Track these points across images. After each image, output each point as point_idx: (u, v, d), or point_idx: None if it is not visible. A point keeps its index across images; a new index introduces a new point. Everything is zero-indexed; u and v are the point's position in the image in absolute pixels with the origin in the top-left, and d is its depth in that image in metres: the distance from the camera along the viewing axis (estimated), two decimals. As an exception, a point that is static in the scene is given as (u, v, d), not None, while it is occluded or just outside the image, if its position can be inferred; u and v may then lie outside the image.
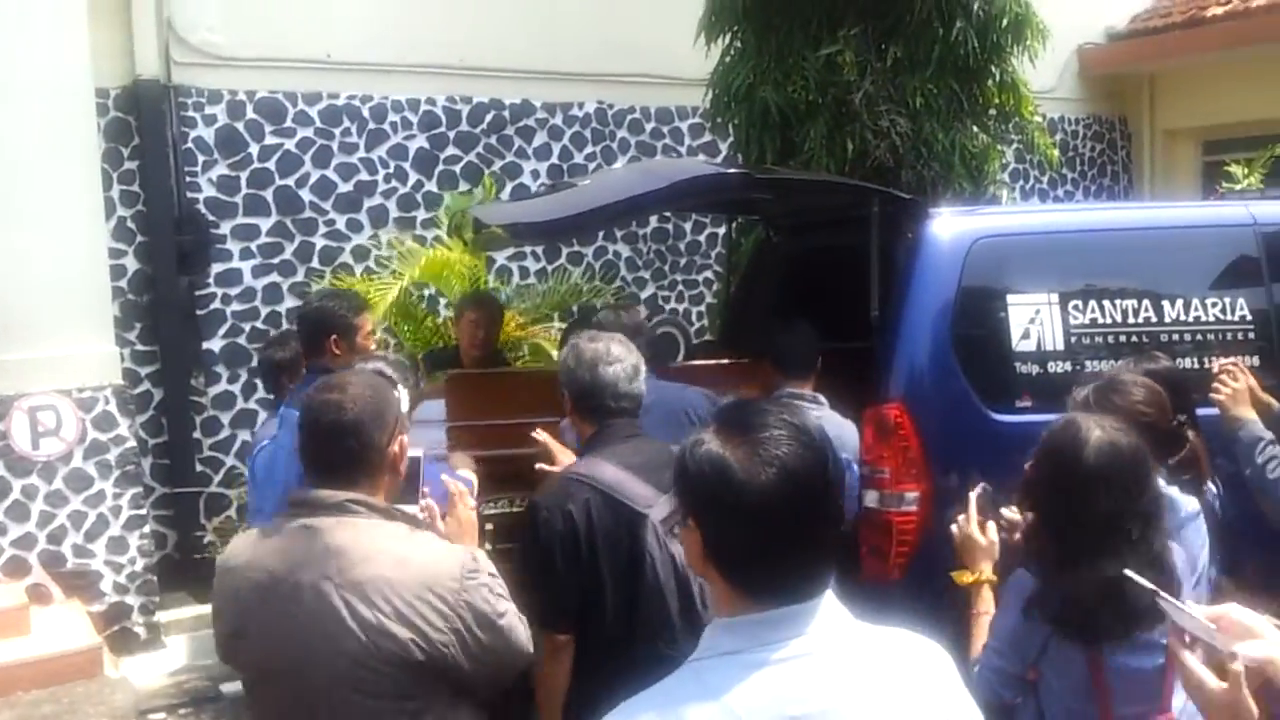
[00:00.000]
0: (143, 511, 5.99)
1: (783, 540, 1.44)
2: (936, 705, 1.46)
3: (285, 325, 6.98)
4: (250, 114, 6.97)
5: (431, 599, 2.02)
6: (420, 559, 2.08)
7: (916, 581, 3.45)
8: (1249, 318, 3.73)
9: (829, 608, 1.48)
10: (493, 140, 7.77)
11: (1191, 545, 2.62)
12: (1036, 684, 2.32)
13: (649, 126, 8.36)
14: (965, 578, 2.57)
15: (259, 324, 7.01)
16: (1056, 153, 7.12)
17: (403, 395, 2.53)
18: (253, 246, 7.01)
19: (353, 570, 2.01)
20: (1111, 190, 10.90)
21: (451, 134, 7.63)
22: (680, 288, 8.45)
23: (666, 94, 8.25)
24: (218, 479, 6.87)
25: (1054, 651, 2.26)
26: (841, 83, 6.03)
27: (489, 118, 7.74)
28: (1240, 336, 3.68)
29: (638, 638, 2.48)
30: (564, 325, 5.98)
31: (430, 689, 2.05)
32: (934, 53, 6.06)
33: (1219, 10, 10.49)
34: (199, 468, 6.82)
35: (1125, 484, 2.22)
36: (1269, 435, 3.21)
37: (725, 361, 4.46)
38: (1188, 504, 2.71)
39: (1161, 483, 2.48)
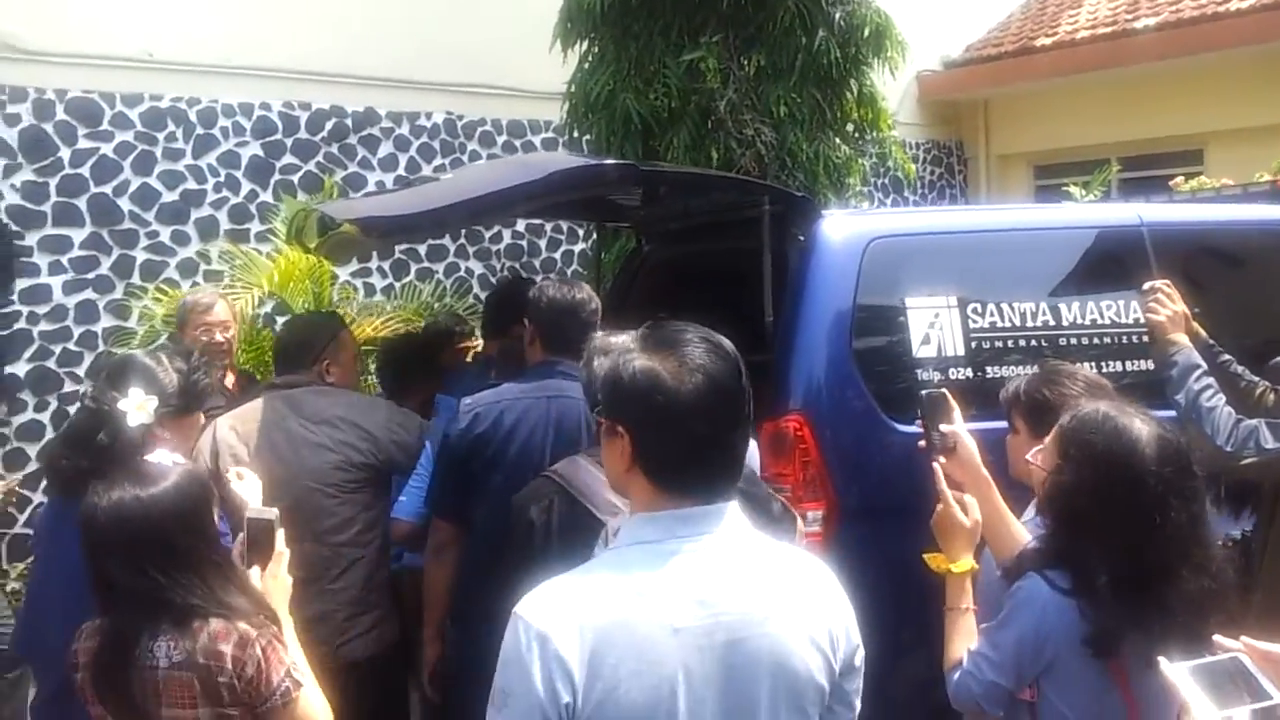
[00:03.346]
0: (-69, 559, 5.26)
1: (705, 442, 1.63)
2: (822, 606, 1.65)
3: (101, 346, 6.32)
4: (60, 114, 6.29)
5: None
6: None
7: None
8: (1142, 321, 3.65)
9: (735, 513, 1.66)
10: (334, 149, 7.28)
11: None
12: (1034, 703, 2.09)
13: (500, 139, 8.02)
14: (941, 564, 2.29)
15: (71, 345, 6.31)
16: (914, 167, 7.13)
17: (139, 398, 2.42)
18: (64, 260, 6.31)
19: None
20: (950, 212, 11.14)
21: (289, 141, 7.11)
22: (535, 306, 8.09)
23: (519, 106, 7.95)
24: (22, 519, 6.11)
25: (1065, 670, 2.02)
26: (704, 90, 5.87)
27: (330, 125, 7.25)
28: (1136, 339, 3.60)
29: None
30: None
31: None
32: (797, 61, 5.96)
33: (1047, 41, 10.91)
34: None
35: (1191, 483, 2.01)
36: (1203, 363, 3.07)
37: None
38: None
39: None
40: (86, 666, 2.05)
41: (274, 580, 2.21)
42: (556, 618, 1.53)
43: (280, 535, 2.27)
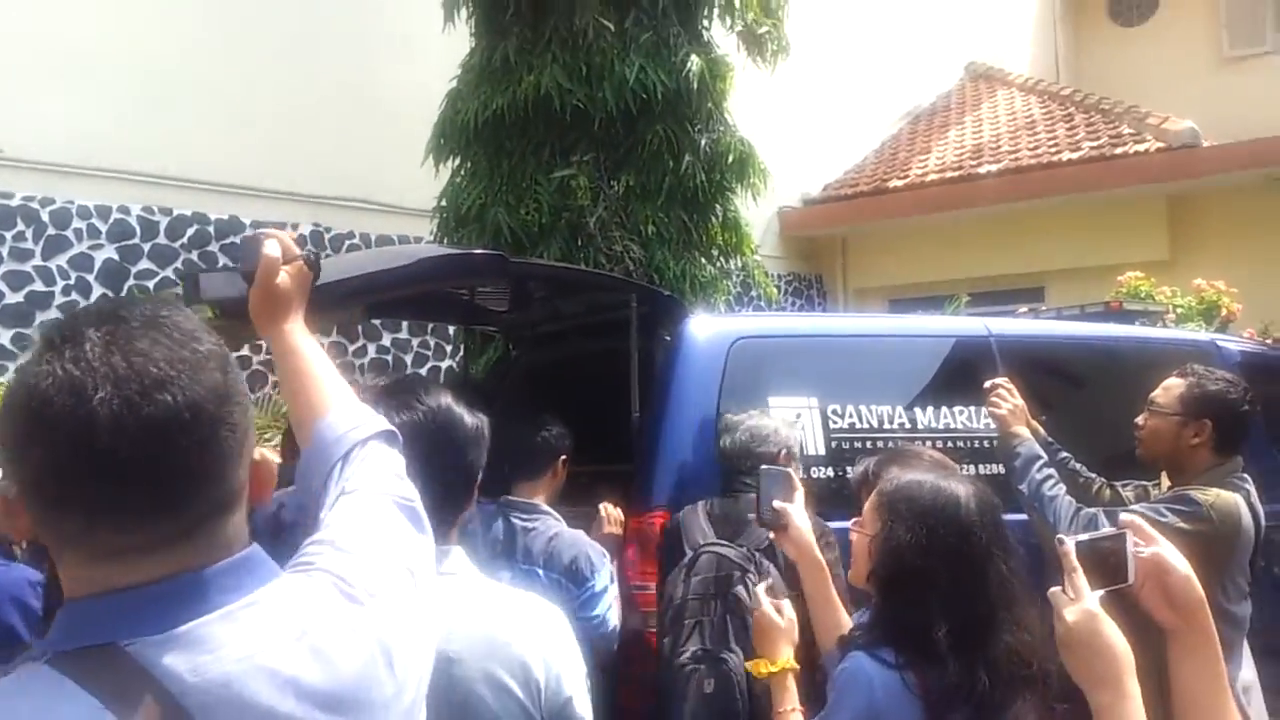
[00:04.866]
0: None
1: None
2: (526, 650, 1.71)
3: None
4: (-102, 208, 6.02)
5: None
6: None
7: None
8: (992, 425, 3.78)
9: (451, 557, 1.77)
10: (194, 256, 7.12)
11: None
12: None
13: (368, 253, 7.98)
14: (763, 668, 2.20)
15: (-110, 452, 5.87)
16: (775, 291, 7.35)
17: None
18: (-111, 360, 5.95)
19: None
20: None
21: (146, 246, 6.92)
22: (398, 422, 7.95)
23: (388, 221, 7.95)
24: None
25: None
26: (575, 207, 5.98)
27: (191, 231, 7.11)
28: (988, 444, 3.72)
29: None
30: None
31: None
32: (665, 184, 6.14)
33: (899, 183, 11.57)
34: None
35: (1007, 537, 2.03)
36: (1044, 455, 3.20)
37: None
38: None
39: None
40: None
41: None
42: None
43: None
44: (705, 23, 6.70)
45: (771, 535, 2.49)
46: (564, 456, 3.54)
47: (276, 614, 1.01)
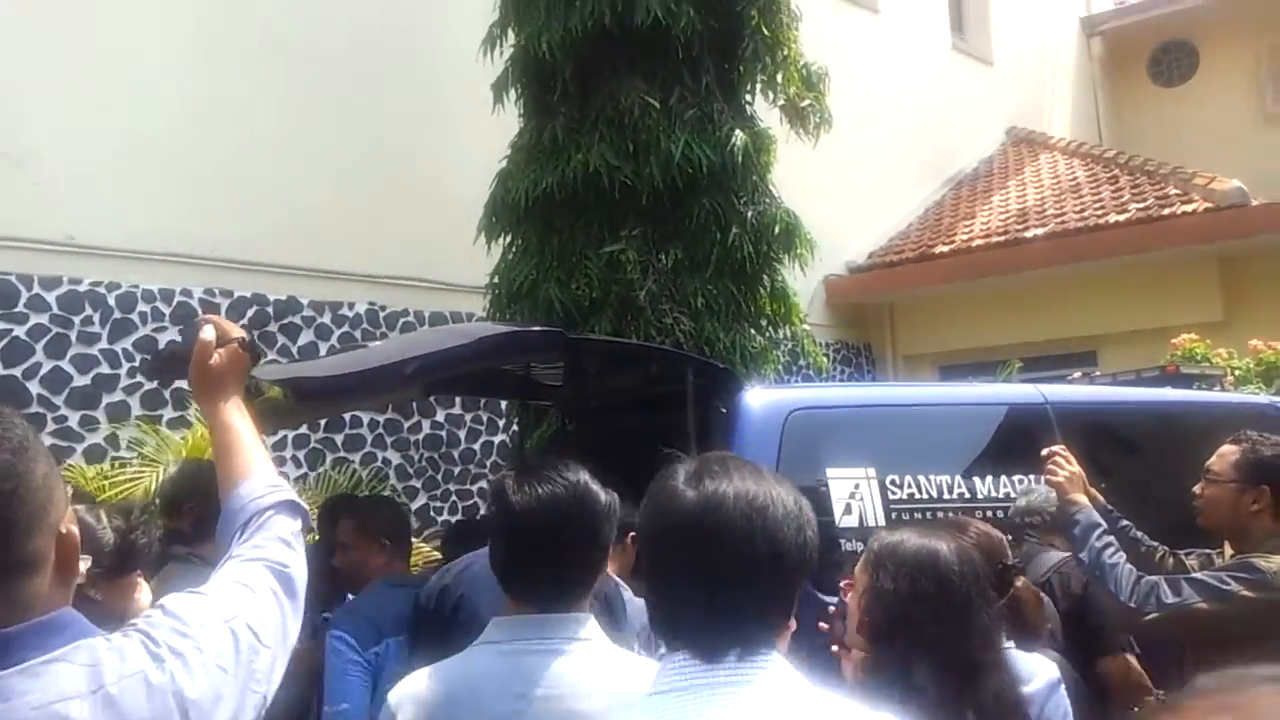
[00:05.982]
0: None
1: (529, 554, 1.86)
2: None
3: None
4: (-27, 297, 6.23)
5: None
6: None
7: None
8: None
9: (587, 625, 1.87)
10: (254, 336, 7.25)
11: None
12: None
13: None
14: None
15: (-38, 534, 6.01)
16: (826, 360, 7.37)
17: None
18: (-38, 444, 6.09)
19: None
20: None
21: (208, 328, 7.08)
22: (454, 498, 8.02)
23: (442, 299, 8.09)
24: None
25: None
26: (624, 281, 6.07)
27: (251, 312, 7.28)
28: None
29: None
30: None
31: None
32: (712, 256, 6.22)
33: (945, 248, 11.58)
34: None
35: (987, 590, 2.11)
36: (1103, 522, 3.17)
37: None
38: (1043, 670, 2.52)
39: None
40: None
41: None
42: (403, 695, 1.89)
43: None
44: (748, 97, 6.83)
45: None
46: (632, 533, 3.57)
47: (76, 669, 1.14)
